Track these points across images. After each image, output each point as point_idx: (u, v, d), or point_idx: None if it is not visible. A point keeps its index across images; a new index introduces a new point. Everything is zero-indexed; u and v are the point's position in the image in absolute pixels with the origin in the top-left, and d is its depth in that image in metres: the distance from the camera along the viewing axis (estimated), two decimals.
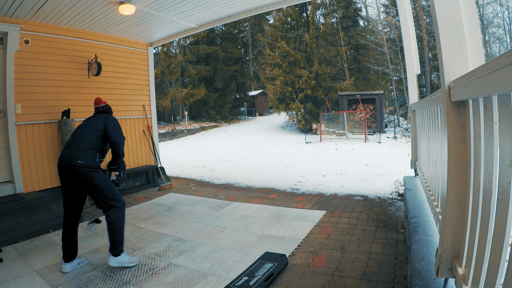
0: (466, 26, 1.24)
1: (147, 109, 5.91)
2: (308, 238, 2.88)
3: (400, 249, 2.51)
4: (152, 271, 2.39)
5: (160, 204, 4.42)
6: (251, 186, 5.33)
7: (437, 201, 1.87)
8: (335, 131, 14.64)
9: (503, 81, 0.69)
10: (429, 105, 2.15)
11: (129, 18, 4.56)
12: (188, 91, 20.78)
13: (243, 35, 27.37)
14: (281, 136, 16.54)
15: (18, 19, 3.95)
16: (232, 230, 3.18)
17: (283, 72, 17.97)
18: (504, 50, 22.36)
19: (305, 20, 19.02)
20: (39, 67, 4.24)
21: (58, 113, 4.39)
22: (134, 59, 5.68)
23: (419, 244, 1.71)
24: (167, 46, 21.38)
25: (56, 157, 4.43)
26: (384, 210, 3.59)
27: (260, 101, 28.69)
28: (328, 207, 3.79)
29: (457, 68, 1.23)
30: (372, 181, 5.26)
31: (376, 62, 19.04)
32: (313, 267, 2.32)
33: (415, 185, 3.15)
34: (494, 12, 22.63)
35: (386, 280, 2.06)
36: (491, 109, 0.90)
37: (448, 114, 1.23)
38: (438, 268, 1.27)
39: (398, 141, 12.18)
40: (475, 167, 1.07)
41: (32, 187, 4.14)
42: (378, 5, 21.70)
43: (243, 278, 2.16)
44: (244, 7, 4.72)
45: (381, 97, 14.94)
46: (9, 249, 2.91)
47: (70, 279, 2.29)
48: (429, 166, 2.37)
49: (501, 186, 0.80)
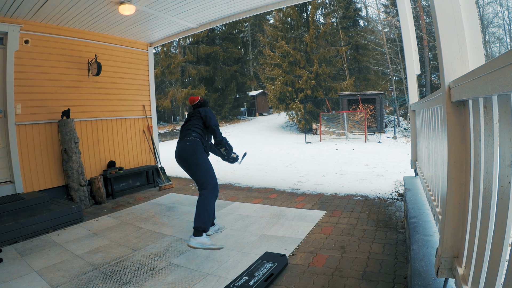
0: (466, 26, 1.23)
1: (147, 109, 5.91)
2: (308, 238, 2.88)
3: (400, 249, 2.51)
4: (152, 271, 2.39)
5: (160, 204, 4.42)
6: (251, 186, 5.33)
7: (437, 201, 1.87)
8: (335, 131, 14.64)
9: (503, 81, 0.69)
10: (429, 105, 2.15)
11: (129, 18, 4.56)
12: (188, 91, 20.79)
13: (243, 35, 27.37)
14: (281, 136, 16.54)
15: (18, 19, 3.95)
16: (232, 230, 3.18)
17: (283, 72, 17.97)
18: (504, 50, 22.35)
19: (305, 20, 19.02)
20: (39, 67, 4.24)
21: (58, 113, 4.39)
22: (134, 59, 5.68)
23: (419, 244, 1.71)
24: (167, 46, 21.39)
25: (56, 157, 4.44)
26: (384, 210, 3.59)
27: (260, 101, 28.68)
28: (328, 207, 3.79)
29: (457, 68, 1.23)
30: (372, 181, 5.26)
31: (376, 62, 19.04)
32: (313, 267, 2.32)
33: (415, 185, 3.15)
34: (494, 12, 22.64)
35: (386, 280, 2.06)
36: (491, 109, 0.90)
37: (448, 114, 1.23)
38: (438, 268, 1.27)
39: (398, 141, 12.18)
40: (475, 167, 1.07)
41: (32, 187, 4.15)
42: (378, 5, 21.71)
43: (243, 278, 2.16)
44: (244, 7, 4.72)
45: (381, 97, 14.94)
46: (9, 249, 2.91)
47: (70, 279, 2.29)
48: (429, 166, 2.37)
49: (501, 186, 0.80)
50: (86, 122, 4.86)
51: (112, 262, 2.56)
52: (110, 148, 5.23)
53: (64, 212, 3.59)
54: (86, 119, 4.82)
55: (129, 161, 5.52)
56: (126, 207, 4.36)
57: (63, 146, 4.33)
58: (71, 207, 3.67)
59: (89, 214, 4.07)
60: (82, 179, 4.41)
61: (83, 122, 4.81)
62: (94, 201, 4.59)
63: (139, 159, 5.73)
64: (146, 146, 5.86)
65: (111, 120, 5.26)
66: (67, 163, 4.32)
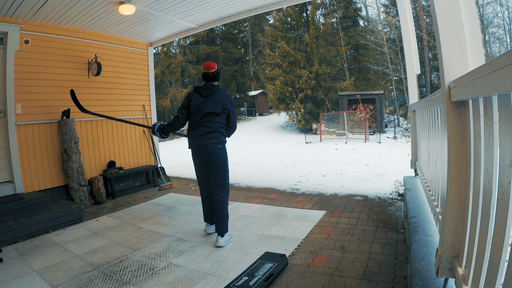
0: (466, 26, 1.23)
1: (147, 109, 5.91)
2: (308, 238, 2.88)
3: (400, 249, 2.51)
4: (152, 271, 2.39)
5: (160, 204, 4.42)
6: (251, 186, 5.33)
7: (437, 201, 1.87)
8: (335, 131, 14.64)
9: (503, 81, 0.69)
10: (429, 105, 2.15)
11: (129, 18, 4.56)
12: (188, 91, 20.78)
13: (243, 35, 27.36)
14: (281, 136, 16.54)
15: (18, 19, 3.95)
16: (232, 230, 3.18)
17: (283, 72, 17.97)
18: (504, 50, 22.35)
19: (305, 20, 19.02)
20: (39, 67, 4.24)
21: (58, 113, 4.39)
22: (134, 59, 5.68)
23: (419, 244, 1.71)
24: (167, 46, 21.39)
25: (56, 157, 4.44)
26: (384, 210, 3.59)
27: (260, 101, 28.68)
28: (328, 207, 3.79)
29: (457, 68, 1.23)
30: (372, 181, 5.26)
31: (376, 62, 19.04)
32: (313, 267, 2.32)
33: (415, 185, 3.15)
34: (494, 12, 22.64)
35: (386, 280, 2.06)
36: (491, 109, 0.90)
37: (448, 114, 1.23)
38: (438, 268, 1.27)
39: (398, 141, 12.18)
40: (475, 167, 1.07)
41: (32, 187, 4.14)
42: (378, 5, 21.71)
43: (243, 278, 2.16)
44: (244, 7, 4.72)
45: (381, 97, 14.94)
46: (9, 249, 2.91)
47: (70, 279, 2.29)
48: (429, 166, 2.37)
49: (501, 186, 0.80)
50: (86, 122, 4.86)
51: (112, 262, 2.56)
52: (110, 148, 5.23)
53: (64, 212, 3.59)
54: (86, 119, 4.82)
55: (129, 161, 5.52)
56: (126, 207, 4.36)
57: (63, 146, 4.33)
58: (71, 207, 3.67)
59: (89, 214, 4.07)
60: (82, 179, 4.41)
61: (83, 122, 4.81)
62: (94, 201, 4.59)
63: (139, 159, 5.73)
64: (146, 146, 5.86)
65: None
66: (67, 163, 4.32)
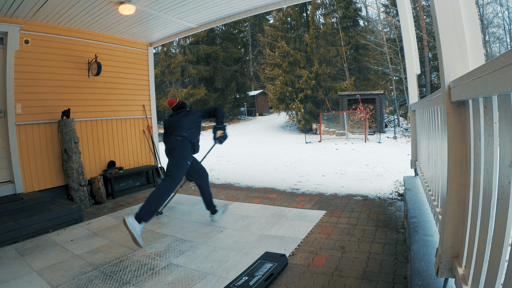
0: (466, 26, 1.24)
1: (147, 109, 5.91)
2: (308, 238, 2.88)
3: (400, 249, 2.51)
4: (152, 271, 2.39)
5: None
6: (251, 186, 5.33)
7: (437, 201, 1.87)
8: (335, 131, 14.64)
9: (503, 81, 0.69)
10: (429, 105, 2.15)
11: (129, 18, 4.55)
12: (188, 91, 20.77)
13: (243, 35, 27.37)
14: (281, 136, 16.53)
15: (18, 19, 3.95)
16: (232, 230, 3.18)
17: (283, 72, 17.97)
18: (504, 50, 22.34)
19: (305, 20, 19.03)
20: (39, 67, 4.24)
21: (58, 113, 4.39)
22: (134, 59, 5.68)
23: (419, 244, 1.71)
24: (167, 46, 21.36)
25: (56, 157, 4.44)
26: (384, 210, 3.59)
27: (260, 101, 28.68)
28: (328, 207, 3.79)
29: (457, 68, 1.23)
30: (372, 181, 5.26)
31: (376, 62, 19.02)
32: (313, 267, 2.32)
33: (415, 185, 3.15)
34: (494, 12, 22.62)
35: (386, 280, 2.06)
36: (491, 109, 0.90)
37: (448, 114, 1.23)
38: (438, 268, 1.27)
39: (398, 141, 12.18)
40: (475, 167, 1.07)
41: (32, 187, 4.14)
42: (378, 5, 21.70)
43: (243, 278, 2.16)
44: (244, 7, 4.72)
45: (381, 97, 14.94)
46: (9, 249, 2.91)
47: (70, 279, 2.29)
48: (429, 166, 2.37)
49: (501, 186, 0.80)
50: (86, 122, 4.86)
51: (112, 262, 2.56)
52: (110, 148, 5.23)
53: (64, 212, 3.58)
54: (86, 119, 4.82)
55: (129, 161, 5.52)
56: (126, 207, 4.36)
57: (63, 146, 4.33)
58: (71, 207, 3.67)
59: (89, 214, 4.07)
60: (82, 179, 4.41)
61: (83, 122, 4.81)
62: (94, 201, 4.59)
63: (139, 159, 5.73)
64: (146, 146, 5.86)
65: (111, 120, 5.26)
66: (67, 163, 4.32)
